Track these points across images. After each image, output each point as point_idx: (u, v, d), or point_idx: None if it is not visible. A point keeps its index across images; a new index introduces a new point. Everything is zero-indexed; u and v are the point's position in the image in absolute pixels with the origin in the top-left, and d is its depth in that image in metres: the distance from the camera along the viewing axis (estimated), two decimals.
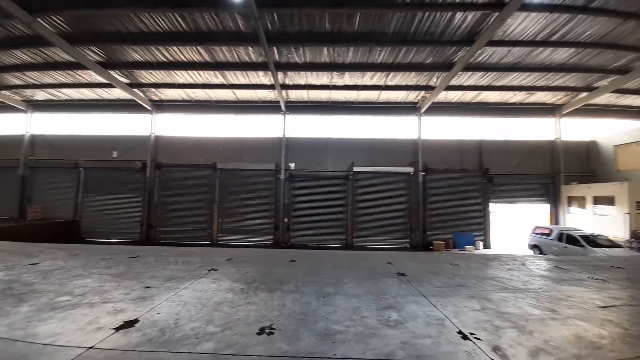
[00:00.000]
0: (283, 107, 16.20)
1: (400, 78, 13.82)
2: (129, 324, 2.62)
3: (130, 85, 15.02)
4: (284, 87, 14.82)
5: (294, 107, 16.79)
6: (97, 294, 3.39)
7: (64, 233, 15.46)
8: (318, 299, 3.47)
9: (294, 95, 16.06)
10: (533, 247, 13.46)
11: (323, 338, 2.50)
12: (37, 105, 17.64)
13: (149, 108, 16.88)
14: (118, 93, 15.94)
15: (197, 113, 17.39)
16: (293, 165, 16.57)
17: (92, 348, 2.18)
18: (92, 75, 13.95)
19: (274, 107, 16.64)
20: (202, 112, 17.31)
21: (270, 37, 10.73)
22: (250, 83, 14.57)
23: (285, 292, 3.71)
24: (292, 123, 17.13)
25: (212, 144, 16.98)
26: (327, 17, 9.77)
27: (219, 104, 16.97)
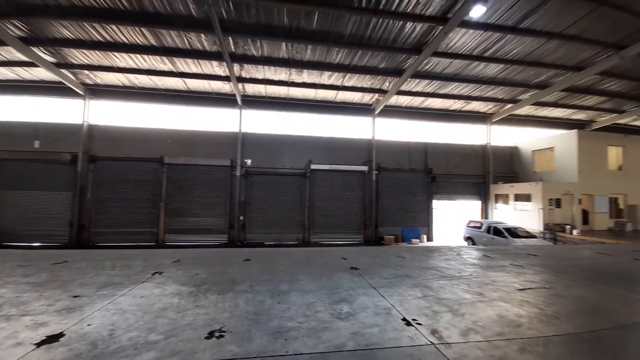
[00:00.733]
0: (239, 101, 15.58)
1: (356, 80, 14.31)
2: (53, 339, 2.30)
3: (58, 66, 12.94)
4: (241, 80, 14.25)
5: (251, 101, 16.27)
6: (14, 306, 2.91)
7: None
8: (272, 297, 3.45)
9: (251, 90, 15.56)
10: (467, 238, 15.13)
11: (276, 336, 2.50)
12: None
13: (82, 93, 14.77)
14: (42, 74, 13.65)
15: (141, 101, 15.76)
16: (249, 162, 16.08)
17: None
18: (11, 52, 11.70)
19: (230, 100, 15.92)
20: (147, 100, 15.73)
21: (226, 26, 10.21)
22: (203, 73, 13.69)
23: (238, 292, 3.61)
24: (249, 118, 16.59)
25: (159, 137, 15.58)
26: (285, 11, 9.64)
27: (168, 93, 15.62)
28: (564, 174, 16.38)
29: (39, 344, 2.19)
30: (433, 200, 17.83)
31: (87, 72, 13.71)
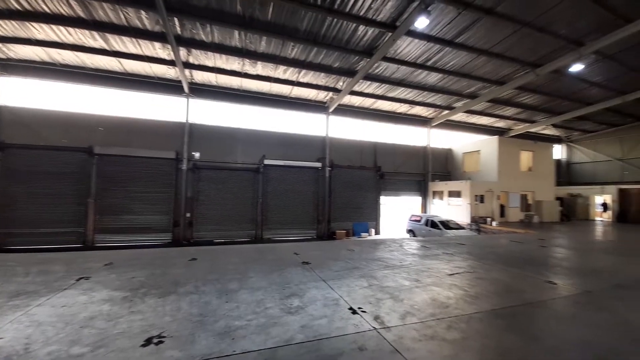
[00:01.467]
0: (186, 88, 14.40)
1: (312, 77, 14.39)
2: None
3: None
4: (188, 66, 13.16)
5: (200, 90, 15.16)
6: None
7: None
8: (220, 297, 3.34)
9: (200, 77, 14.48)
10: (409, 231, 16.50)
11: (222, 336, 2.43)
12: None
13: None
14: None
15: (65, 81, 13.42)
16: (198, 155, 15.02)
17: None
18: None
19: (175, 87, 14.60)
20: (73, 80, 13.47)
21: (171, 5, 9.31)
22: (143, 54, 12.29)
23: (182, 294, 3.40)
24: (197, 108, 15.44)
25: (88, 123, 13.53)
26: None
27: (99, 74, 13.64)
28: (487, 174, 18.92)
29: None
30: (381, 196, 18.99)
31: None
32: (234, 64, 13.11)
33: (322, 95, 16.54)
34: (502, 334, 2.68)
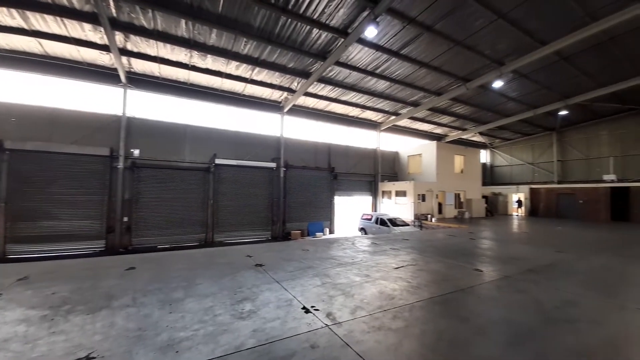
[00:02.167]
0: (123, 78, 12.88)
1: (266, 75, 14.12)
2: None
3: None
4: (125, 53, 11.80)
5: (141, 81, 13.71)
6: None
7: None
8: (162, 308, 3.09)
9: (141, 67, 13.09)
10: (361, 229, 17.29)
11: (164, 350, 2.26)
12: None
13: None
14: None
15: None
16: (137, 152, 13.54)
17: None
18: None
19: (110, 75, 12.95)
20: None
21: None
22: (70, 36, 10.65)
23: (116, 308, 3.06)
24: (138, 101, 13.93)
25: None
26: None
27: (14, 56, 11.41)
28: (428, 175, 20.88)
29: None
30: (335, 196, 19.51)
31: None
32: (180, 55, 12.19)
33: (276, 95, 16.34)
34: (438, 319, 3.00)
